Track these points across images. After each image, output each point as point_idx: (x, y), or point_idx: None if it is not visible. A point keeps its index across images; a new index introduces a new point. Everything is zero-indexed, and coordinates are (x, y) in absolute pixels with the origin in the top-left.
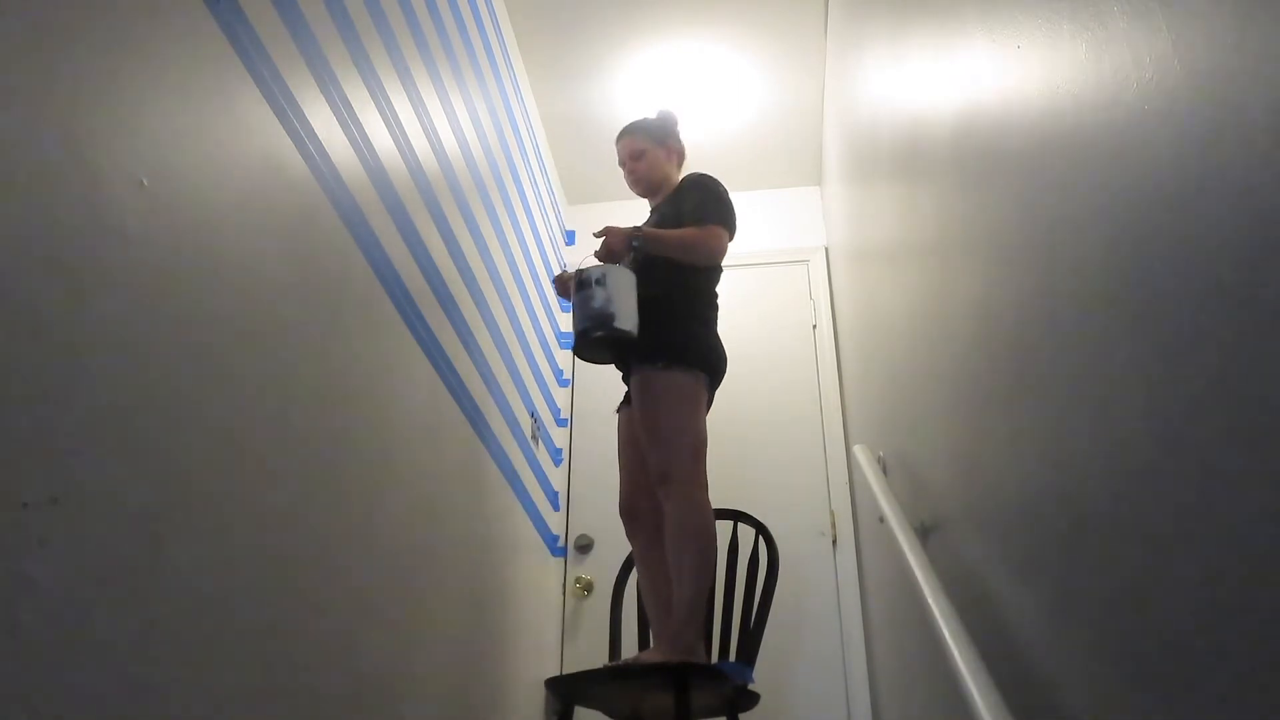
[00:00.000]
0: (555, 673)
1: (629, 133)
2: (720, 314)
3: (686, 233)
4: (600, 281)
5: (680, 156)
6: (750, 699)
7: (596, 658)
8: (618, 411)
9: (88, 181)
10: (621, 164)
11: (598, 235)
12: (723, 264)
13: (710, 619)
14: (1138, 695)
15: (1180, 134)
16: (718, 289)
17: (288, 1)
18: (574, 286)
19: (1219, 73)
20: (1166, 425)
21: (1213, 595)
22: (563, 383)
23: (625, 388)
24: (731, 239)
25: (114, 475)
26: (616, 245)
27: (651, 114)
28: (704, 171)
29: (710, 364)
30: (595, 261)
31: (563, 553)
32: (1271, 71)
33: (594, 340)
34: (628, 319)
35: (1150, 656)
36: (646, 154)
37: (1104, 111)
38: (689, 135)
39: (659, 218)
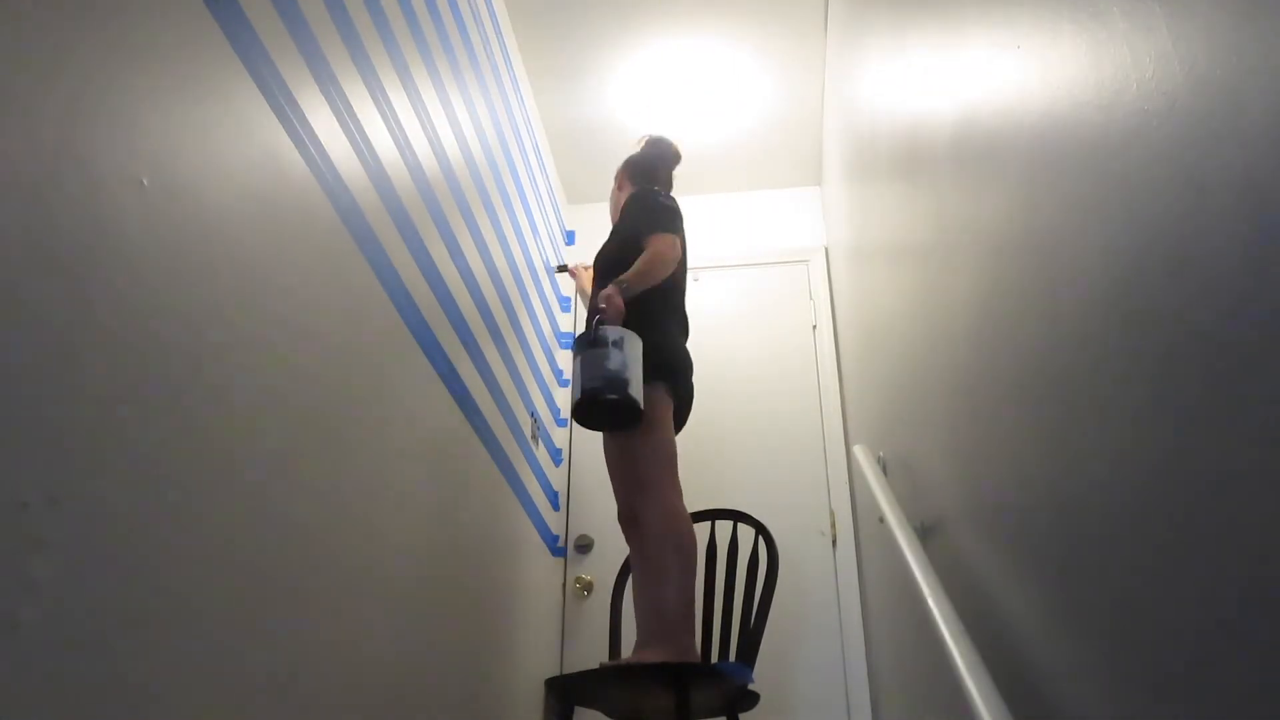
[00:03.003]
0: (555, 673)
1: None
2: (720, 314)
3: (640, 260)
4: (618, 344)
5: (628, 183)
6: (750, 699)
7: (596, 658)
8: None
9: (88, 181)
10: None
11: (597, 304)
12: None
13: (709, 619)
14: (1138, 695)
15: (1180, 134)
16: (684, 292)
17: (288, 1)
18: (583, 342)
19: (1219, 72)
20: (1167, 425)
21: (1214, 596)
22: (563, 383)
23: None
24: (676, 235)
25: (114, 476)
26: (621, 304)
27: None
28: (653, 187)
29: (666, 371)
30: (599, 327)
31: (563, 553)
32: (1271, 71)
33: (604, 402)
34: (639, 389)
35: (1150, 656)
36: (611, 188)
37: (1104, 111)
38: (688, 137)
39: (610, 239)
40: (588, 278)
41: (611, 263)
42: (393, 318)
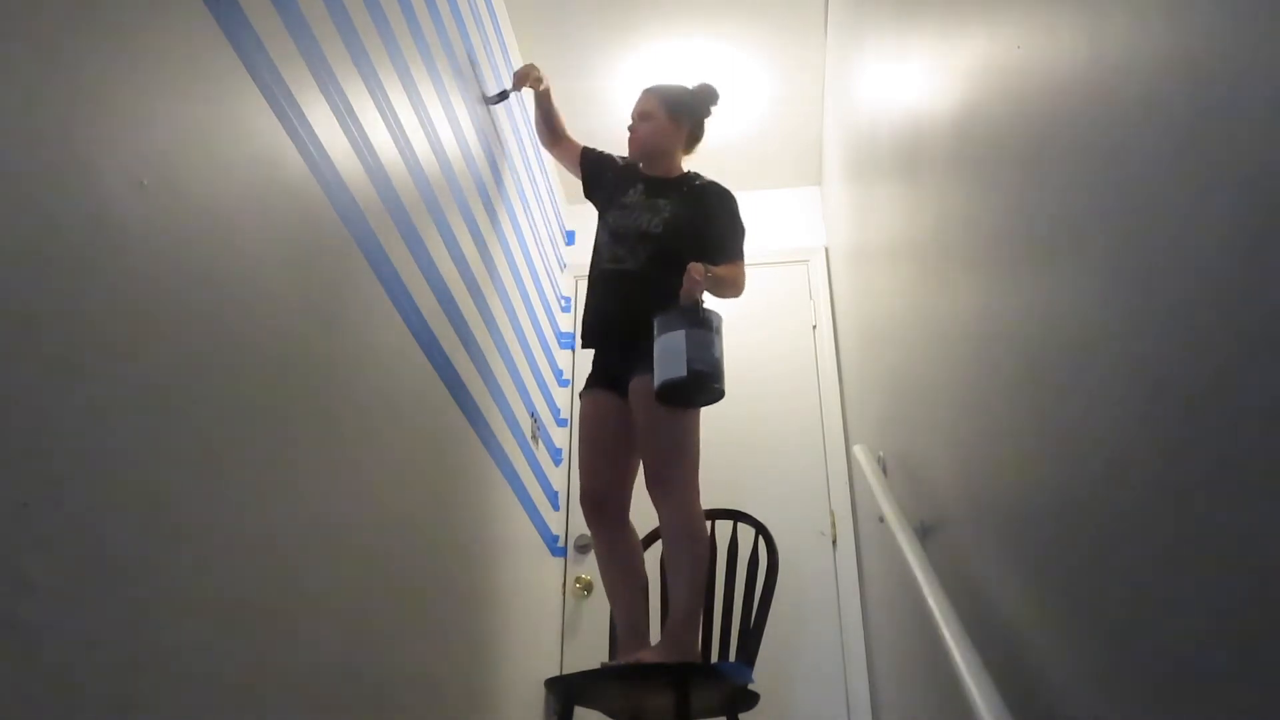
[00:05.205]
0: (555, 673)
1: (647, 91)
2: (720, 314)
3: (735, 273)
4: (718, 331)
5: (692, 138)
6: (750, 699)
7: (596, 657)
8: (582, 395)
9: (88, 182)
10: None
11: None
12: None
13: (709, 619)
14: (1138, 696)
15: (1180, 132)
16: None
17: (288, 1)
18: (684, 319)
19: (1218, 71)
20: (1167, 424)
21: (1215, 596)
22: (563, 383)
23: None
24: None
25: (112, 475)
26: (699, 290)
27: (691, 84)
28: (718, 181)
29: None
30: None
31: (563, 553)
32: (1271, 68)
33: (711, 390)
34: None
35: (1151, 657)
36: (652, 118)
37: (1104, 110)
38: None
39: (670, 211)
40: (551, 89)
41: (683, 249)
42: (392, 317)
